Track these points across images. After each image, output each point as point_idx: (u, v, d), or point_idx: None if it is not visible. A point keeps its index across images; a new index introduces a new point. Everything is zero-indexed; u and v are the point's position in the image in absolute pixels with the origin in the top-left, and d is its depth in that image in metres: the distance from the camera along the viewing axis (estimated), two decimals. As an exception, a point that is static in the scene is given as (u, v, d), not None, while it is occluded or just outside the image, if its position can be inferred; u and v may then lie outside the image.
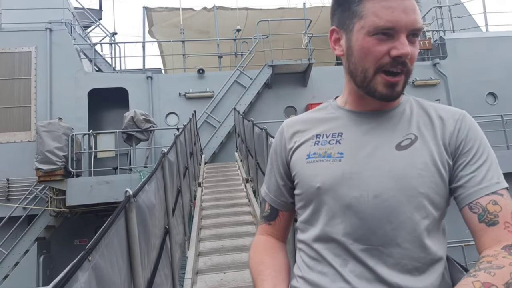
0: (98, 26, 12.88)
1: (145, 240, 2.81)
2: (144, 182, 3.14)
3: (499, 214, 0.90)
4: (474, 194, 0.94)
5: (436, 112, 1.04)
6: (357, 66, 1.00)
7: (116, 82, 11.08)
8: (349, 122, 1.07)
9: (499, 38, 12.43)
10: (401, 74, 0.98)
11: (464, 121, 1.02)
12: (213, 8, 12.62)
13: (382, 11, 0.94)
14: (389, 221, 0.94)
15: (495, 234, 0.89)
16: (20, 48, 10.67)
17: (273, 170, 1.20)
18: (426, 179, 0.95)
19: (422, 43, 12.23)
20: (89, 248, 1.69)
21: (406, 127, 1.02)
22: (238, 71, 11.42)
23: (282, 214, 1.20)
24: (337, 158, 1.02)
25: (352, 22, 0.99)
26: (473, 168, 0.96)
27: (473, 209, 0.93)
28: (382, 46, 0.95)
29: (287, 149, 1.14)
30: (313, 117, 1.15)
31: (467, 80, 11.81)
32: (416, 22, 0.96)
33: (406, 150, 0.98)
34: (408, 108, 1.06)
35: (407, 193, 0.94)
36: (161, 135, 10.58)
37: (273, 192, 1.20)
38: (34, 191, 9.56)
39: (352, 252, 0.96)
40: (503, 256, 0.84)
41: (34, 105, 10.41)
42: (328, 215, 1.00)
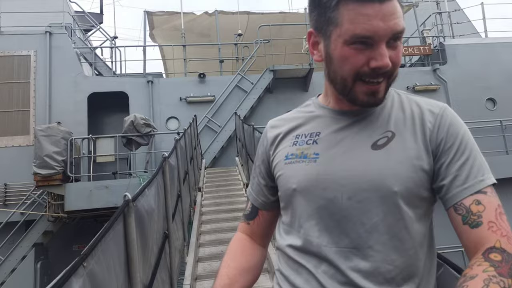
0: (99, 30, 12.86)
1: (143, 245, 2.76)
2: (144, 186, 3.08)
3: (483, 214, 0.87)
4: (458, 195, 0.91)
5: (416, 107, 1.01)
6: (337, 74, 0.97)
7: (117, 86, 11.02)
8: (328, 121, 1.05)
9: (499, 44, 12.53)
10: (382, 82, 0.94)
11: (444, 116, 0.97)
12: (214, 12, 12.62)
13: (359, 19, 0.88)
14: (362, 223, 0.92)
15: (478, 237, 0.86)
16: (20, 51, 10.60)
17: (255, 170, 1.21)
18: (402, 178, 0.92)
19: (422, 49, 12.33)
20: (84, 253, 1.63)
21: (384, 124, 0.99)
22: (239, 75, 11.39)
23: (261, 213, 1.20)
24: (312, 159, 1.01)
25: (329, 29, 0.94)
26: (456, 166, 0.92)
27: (457, 210, 0.90)
28: (361, 56, 0.91)
29: (268, 149, 1.14)
30: (296, 116, 1.14)
31: (466, 85, 11.87)
32: (396, 26, 0.89)
33: (382, 149, 0.95)
34: (389, 103, 1.03)
35: (380, 193, 0.92)
36: (162, 139, 10.52)
37: (255, 191, 1.21)
38: (32, 196, 9.45)
39: (326, 254, 0.94)
40: (478, 264, 0.82)
41: (33, 109, 10.32)
42: (304, 216, 1.00)
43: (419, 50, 12.43)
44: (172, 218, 4.34)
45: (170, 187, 4.29)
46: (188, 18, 12.72)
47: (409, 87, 11.75)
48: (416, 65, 13.40)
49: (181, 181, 5.75)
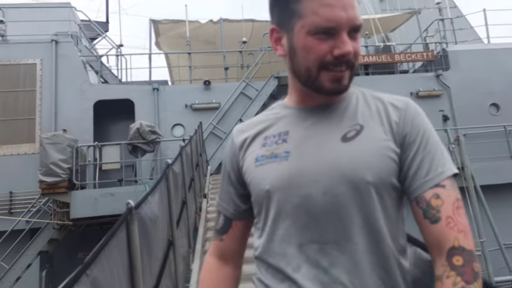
0: (105, 38, 12.98)
1: (147, 253, 2.74)
2: (147, 193, 3.08)
3: (441, 209, 0.89)
4: (420, 188, 0.92)
5: (380, 103, 1.03)
6: (301, 66, 0.97)
7: (122, 94, 11.07)
8: (295, 119, 1.04)
9: (501, 50, 12.54)
10: (345, 71, 0.95)
11: (408, 111, 1.00)
12: (219, 20, 12.68)
13: (321, 9, 0.91)
14: (339, 217, 0.92)
15: (438, 233, 0.89)
16: (26, 60, 10.68)
17: (224, 178, 1.16)
18: (374, 168, 0.93)
19: (425, 55, 12.35)
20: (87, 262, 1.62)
21: (351, 118, 1.00)
22: (244, 82, 11.41)
23: (235, 224, 1.14)
24: (283, 158, 0.99)
25: (292, 21, 0.96)
26: (418, 159, 0.94)
27: (419, 203, 0.92)
28: (324, 45, 0.93)
29: (237, 155, 1.10)
30: (262, 119, 1.12)
31: (470, 91, 11.86)
32: (355, 18, 0.93)
33: (352, 141, 0.96)
34: (354, 99, 1.04)
35: (355, 185, 0.92)
36: (167, 146, 10.52)
37: (225, 201, 1.15)
38: (37, 204, 9.47)
39: (306, 253, 0.93)
40: (447, 276, 0.84)
41: (38, 117, 10.37)
42: (279, 217, 0.97)
43: (422, 56, 12.43)
44: (176, 225, 4.33)
45: (174, 194, 4.28)
46: (193, 26, 12.79)
47: (412, 93, 11.71)
48: (419, 71, 13.39)
49: (187, 187, 5.74)
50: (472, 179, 8.92)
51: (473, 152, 9.75)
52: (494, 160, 10.12)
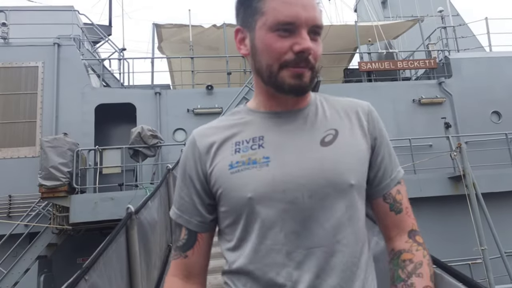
0: (107, 41, 12.98)
1: (146, 258, 2.71)
2: (147, 198, 3.05)
3: (402, 202, 1.05)
4: (387, 186, 1.04)
5: (345, 106, 1.07)
6: (262, 63, 0.98)
7: (124, 98, 11.02)
8: (267, 124, 1.03)
9: (503, 58, 12.57)
10: (305, 70, 0.96)
11: (372, 114, 1.07)
12: (223, 25, 12.71)
13: (282, 6, 0.93)
14: (326, 219, 0.93)
15: (400, 220, 1.03)
16: (28, 62, 10.64)
17: (186, 187, 1.05)
18: (355, 171, 0.97)
19: (427, 62, 12.37)
20: (86, 267, 1.60)
21: (324, 123, 1.03)
22: (246, 87, 11.37)
23: (201, 237, 1.06)
24: (264, 163, 0.96)
25: (254, 19, 0.98)
26: (386, 161, 1.05)
27: (386, 199, 1.04)
28: (284, 42, 0.94)
29: (203, 161, 1.03)
30: (226, 124, 1.07)
31: (471, 98, 11.86)
32: (315, 18, 0.95)
33: (331, 145, 0.98)
34: (319, 104, 1.07)
35: (339, 188, 0.95)
36: (168, 151, 10.48)
37: (187, 213, 1.05)
38: (36, 208, 9.40)
39: (296, 260, 0.91)
40: (416, 249, 0.99)
41: (39, 120, 10.31)
42: (265, 225, 0.94)
43: (424, 64, 12.44)
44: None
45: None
46: (196, 30, 12.79)
47: (415, 100, 11.73)
48: (422, 78, 13.41)
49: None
50: (474, 187, 8.88)
51: (475, 160, 9.74)
52: (495, 168, 10.09)
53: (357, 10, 18.65)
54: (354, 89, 11.73)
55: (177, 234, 1.08)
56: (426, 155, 10.00)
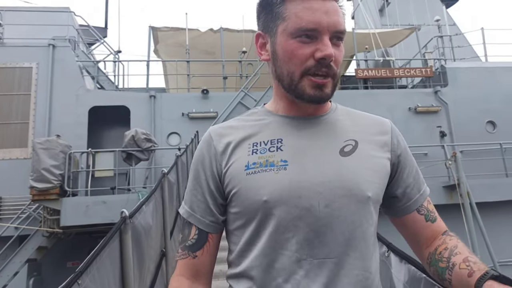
0: (103, 43, 12.91)
1: (139, 263, 2.65)
2: (142, 202, 3.00)
3: (434, 210, 1.07)
4: (420, 200, 1.05)
5: (368, 120, 1.06)
6: (283, 69, 0.97)
7: (118, 100, 10.94)
8: (286, 127, 1.01)
9: (498, 69, 12.67)
10: (327, 77, 0.94)
11: (395, 130, 1.06)
12: (219, 29, 12.69)
13: (304, 12, 0.92)
14: (341, 231, 0.91)
15: (437, 227, 1.05)
16: (22, 63, 10.55)
17: (199, 186, 1.03)
18: (372, 184, 0.95)
19: (424, 71, 12.46)
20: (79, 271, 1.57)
21: (344, 133, 1.01)
22: (242, 92, 11.36)
23: (211, 237, 1.03)
24: (281, 167, 0.94)
25: (275, 24, 0.97)
26: (412, 176, 1.05)
27: (420, 211, 1.05)
28: (306, 49, 0.93)
29: (218, 160, 1.01)
30: (244, 125, 1.05)
31: (467, 108, 11.95)
32: (338, 23, 0.93)
33: (351, 156, 0.97)
34: (340, 114, 1.06)
35: (357, 199, 0.93)
36: (162, 155, 10.40)
37: (199, 212, 1.03)
38: (27, 210, 9.27)
39: (306, 268, 0.89)
40: (450, 239, 1.00)
41: (32, 122, 10.20)
42: (278, 230, 0.91)
43: (421, 72, 12.52)
44: (170, 236, 4.24)
45: (168, 204, 4.19)
46: (193, 34, 12.76)
47: (410, 108, 11.78)
48: (418, 86, 13.48)
49: (181, 197, 5.64)
50: (468, 196, 8.89)
51: (469, 169, 9.77)
52: (489, 177, 10.14)
53: (355, 18, 18.77)
54: (350, 96, 11.74)
55: (186, 233, 1.05)
56: (421, 163, 9.99)
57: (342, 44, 0.97)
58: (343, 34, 0.95)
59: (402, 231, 1.10)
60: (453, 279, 0.91)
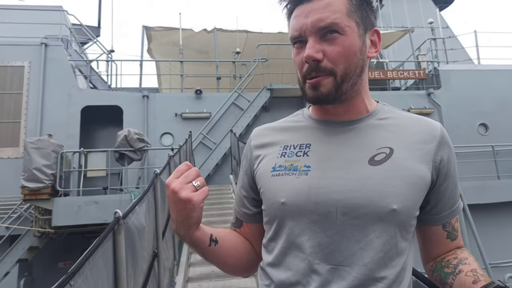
0: (96, 43, 12.82)
1: (132, 264, 2.63)
2: (135, 203, 2.98)
3: (458, 229, 1.05)
4: (449, 216, 1.01)
5: (413, 124, 1.01)
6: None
7: (111, 100, 10.89)
8: (317, 132, 1.03)
9: (491, 71, 12.79)
10: (318, 76, 0.94)
11: (444, 138, 0.99)
12: (213, 29, 12.66)
13: (293, 21, 0.97)
14: (357, 240, 0.90)
15: (455, 245, 1.05)
16: (13, 62, 10.46)
17: (239, 181, 1.16)
18: (401, 196, 0.90)
19: (417, 73, 12.51)
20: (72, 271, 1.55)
21: (379, 139, 0.97)
22: (236, 93, 11.35)
23: (246, 225, 1.15)
24: (303, 172, 0.96)
25: None
26: (450, 190, 0.99)
27: (445, 227, 1.03)
28: (300, 55, 0.96)
29: (252, 159, 1.09)
30: (282, 126, 1.11)
31: (459, 110, 12.06)
32: (319, 20, 0.91)
33: (381, 165, 0.93)
34: (380, 117, 1.02)
35: (379, 210, 0.89)
36: (155, 155, 10.36)
37: (237, 203, 1.16)
38: (18, 210, 9.18)
39: (317, 272, 0.91)
40: (461, 252, 1.02)
41: (24, 121, 10.12)
42: (294, 232, 0.95)
43: (414, 74, 12.59)
44: (162, 236, 4.21)
45: (161, 205, 4.17)
46: (186, 34, 12.73)
47: (404, 110, 11.79)
48: (411, 88, 13.56)
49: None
50: (460, 198, 8.92)
51: (462, 171, 9.80)
52: (482, 180, 10.21)
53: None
54: (343, 97, 11.77)
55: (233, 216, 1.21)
56: (414, 165, 10.05)
57: (340, 36, 0.92)
58: (331, 26, 0.91)
59: (418, 238, 1.08)
60: (456, 283, 0.93)
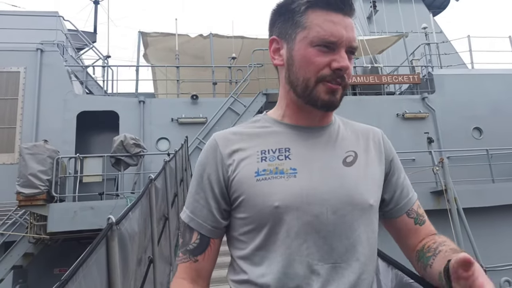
0: (92, 48, 12.82)
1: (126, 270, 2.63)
2: (129, 209, 2.97)
3: (424, 214, 1.13)
4: (409, 203, 1.11)
5: (363, 131, 1.12)
6: (299, 75, 1.00)
7: (107, 105, 10.87)
8: (293, 137, 1.04)
9: (484, 76, 12.88)
10: (340, 85, 0.99)
11: (385, 138, 1.14)
12: (209, 35, 12.70)
13: (326, 24, 0.97)
14: (347, 237, 0.96)
15: (426, 230, 1.11)
16: (9, 67, 10.44)
17: (202, 191, 1.04)
18: (373, 193, 1.02)
19: (411, 77, 12.59)
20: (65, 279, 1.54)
21: (345, 144, 1.06)
22: (232, 98, 11.36)
23: (213, 242, 1.05)
24: (291, 174, 0.98)
25: (295, 32, 1.01)
26: (401, 180, 1.12)
27: (410, 215, 1.11)
28: (323, 58, 0.97)
29: (225, 166, 1.02)
30: (249, 132, 1.08)
31: (454, 114, 12.13)
32: (354, 40, 1.00)
33: (352, 166, 1.02)
34: (340, 125, 1.11)
35: (361, 207, 0.98)
36: (151, 160, 10.34)
37: (201, 217, 1.04)
38: (13, 216, 9.12)
39: (317, 273, 0.93)
40: (438, 237, 1.06)
41: (19, 127, 10.08)
42: (290, 236, 0.95)
43: (408, 79, 12.67)
44: (157, 242, 4.20)
45: (156, 210, 4.17)
46: (182, 40, 12.75)
47: (398, 114, 11.90)
48: (406, 93, 13.63)
49: (169, 203, 5.61)
50: (455, 202, 8.98)
51: (456, 175, 9.87)
52: (476, 183, 10.25)
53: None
54: (339, 102, 11.81)
55: (187, 237, 1.06)
56: (409, 169, 10.08)
57: (353, 58, 1.03)
58: (356, 49, 1.01)
59: (392, 234, 1.15)
60: (435, 262, 0.97)
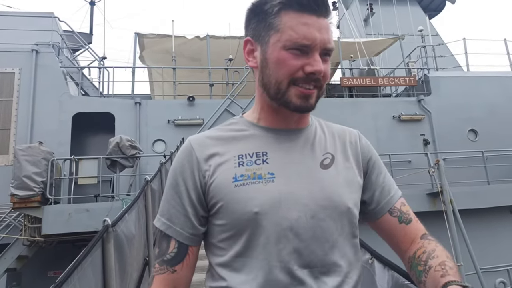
0: (87, 50, 12.77)
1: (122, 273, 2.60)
2: (125, 211, 2.96)
3: (410, 212, 1.09)
4: (391, 201, 1.08)
5: (340, 132, 1.11)
6: (271, 78, 0.98)
7: (103, 107, 10.83)
8: (269, 140, 1.03)
9: (480, 78, 12.97)
10: (314, 88, 0.98)
11: (362, 138, 1.12)
12: (206, 36, 12.68)
13: (299, 27, 0.94)
14: (326, 240, 0.95)
15: (414, 229, 1.06)
16: (4, 69, 10.37)
17: (178, 197, 1.00)
18: (352, 195, 1.01)
19: (407, 80, 12.64)
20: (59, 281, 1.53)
21: (323, 146, 1.05)
22: (228, 99, 11.35)
23: (192, 250, 1.00)
24: (269, 179, 0.96)
25: (268, 34, 0.98)
26: (381, 179, 1.09)
27: (392, 213, 1.07)
28: (297, 61, 0.95)
29: (201, 171, 0.99)
30: (226, 136, 1.05)
31: (449, 116, 12.19)
32: (328, 41, 0.97)
33: (330, 169, 1.01)
34: (318, 127, 1.09)
35: (339, 210, 0.97)
36: (147, 162, 10.29)
37: (179, 224, 0.99)
38: (7, 219, 9.05)
39: (299, 278, 0.91)
40: (428, 243, 1.01)
41: (14, 128, 10.02)
42: (270, 242, 0.93)
43: (404, 81, 12.72)
44: (153, 244, 4.18)
45: (152, 212, 4.15)
46: (179, 41, 12.72)
47: (395, 116, 11.93)
48: (402, 95, 13.68)
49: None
50: (451, 203, 8.98)
51: (452, 177, 9.88)
52: (472, 185, 10.29)
53: (340, 27, 18.99)
54: (336, 104, 11.80)
55: (164, 246, 1.00)
56: (405, 171, 10.09)
57: (329, 60, 1.00)
58: (331, 51, 0.99)
59: (381, 236, 1.11)
60: (428, 280, 0.93)
